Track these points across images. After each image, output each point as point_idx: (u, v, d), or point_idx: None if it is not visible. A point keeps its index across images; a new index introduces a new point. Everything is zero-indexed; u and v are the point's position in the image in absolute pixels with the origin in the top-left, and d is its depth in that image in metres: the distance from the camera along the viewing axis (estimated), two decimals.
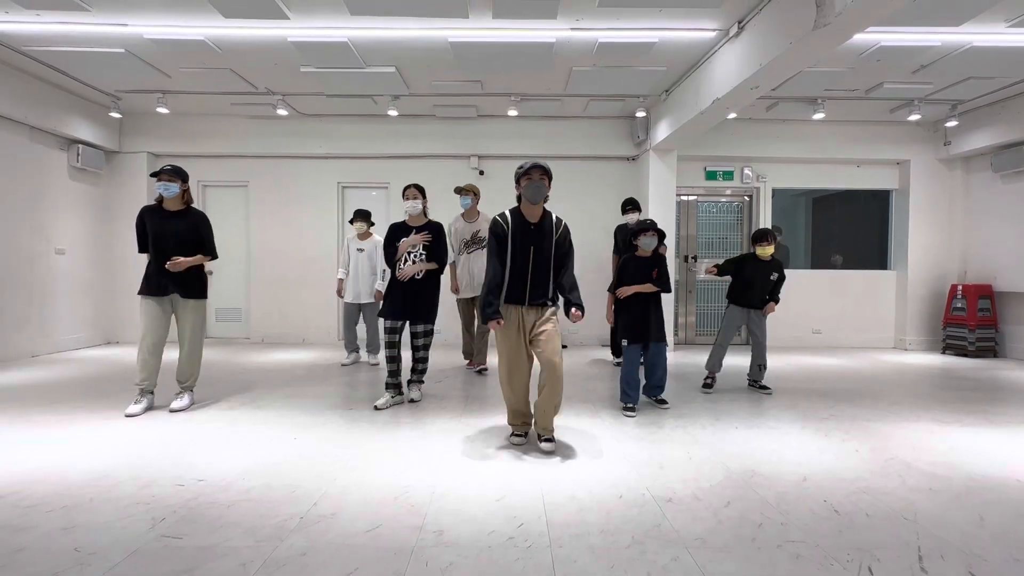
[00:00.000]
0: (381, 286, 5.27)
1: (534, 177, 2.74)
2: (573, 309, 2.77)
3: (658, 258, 3.76)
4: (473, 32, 4.49)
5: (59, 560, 1.71)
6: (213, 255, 3.68)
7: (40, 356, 5.73)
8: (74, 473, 2.44)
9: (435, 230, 3.84)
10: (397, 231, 3.82)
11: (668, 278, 3.74)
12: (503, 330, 2.82)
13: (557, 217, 2.89)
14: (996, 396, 4.23)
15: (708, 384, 4.26)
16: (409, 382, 3.91)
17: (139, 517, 2.01)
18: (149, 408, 3.52)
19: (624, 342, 3.66)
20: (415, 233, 3.77)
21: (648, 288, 3.65)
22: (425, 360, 3.84)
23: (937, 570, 1.70)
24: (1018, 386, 4.64)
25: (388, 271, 3.87)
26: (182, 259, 3.44)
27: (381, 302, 3.87)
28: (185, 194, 3.58)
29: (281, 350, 6.30)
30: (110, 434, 3.02)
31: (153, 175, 3.57)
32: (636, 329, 3.64)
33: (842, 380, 4.80)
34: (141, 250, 3.57)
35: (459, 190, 4.80)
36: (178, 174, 3.53)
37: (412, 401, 3.81)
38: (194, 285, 3.57)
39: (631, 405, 3.59)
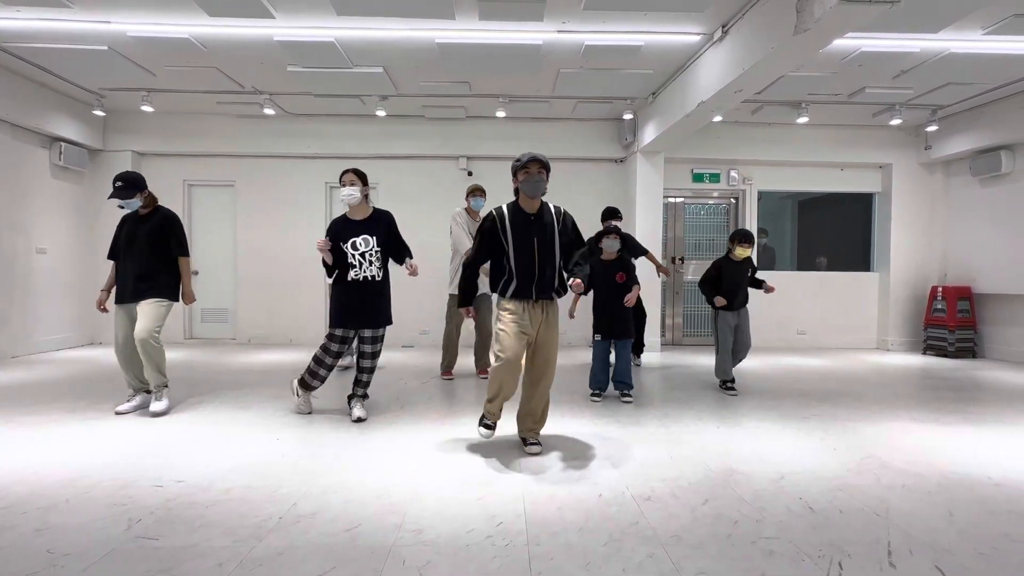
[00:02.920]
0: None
1: (532, 172, 2.63)
2: (574, 280, 2.68)
3: (623, 261, 4.03)
4: (460, 33, 4.50)
5: (33, 561, 1.69)
6: (182, 253, 3.49)
7: (20, 357, 5.65)
8: (52, 474, 2.41)
9: (386, 221, 3.34)
10: (340, 229, 3.28)
11: (635, 277, 3.97)
12: (511, 323, 2.66)
13: (556, 206, 2.79)
14: (973, 396, 4.31)
15: (731, 387, 4.22)
16: (352, 397, 3.44)
17: (116, 518, 1.99)
18: (143, 406, 3.51)
19: (598, 336, 3.99)
20: (359, 229, 3.27)
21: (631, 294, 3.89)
22: (372, 371, 3.44)
23: (905, 565, 1.74)
24: (994, 386, 4.74)
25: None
26: (186, 291, 3.48)
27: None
28: (146, 199, 3.44)
29: (268, 351, 6.26)
30: (90, 435, 2.99)
31: (111, 198, 3.37)
32: (604, 326, 3.96)
33: (824, 380, 4.87)
34: (108, 256, 3.53)
35: (474, 191, 4.57)
36: (133, 186, 3.35)
37: (359, 420, 3.29)
38: (158, 286, 3.40)
39: (597, 392, 4.01)
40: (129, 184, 3.35)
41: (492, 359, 2.83)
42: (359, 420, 3.31)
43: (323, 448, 2.82)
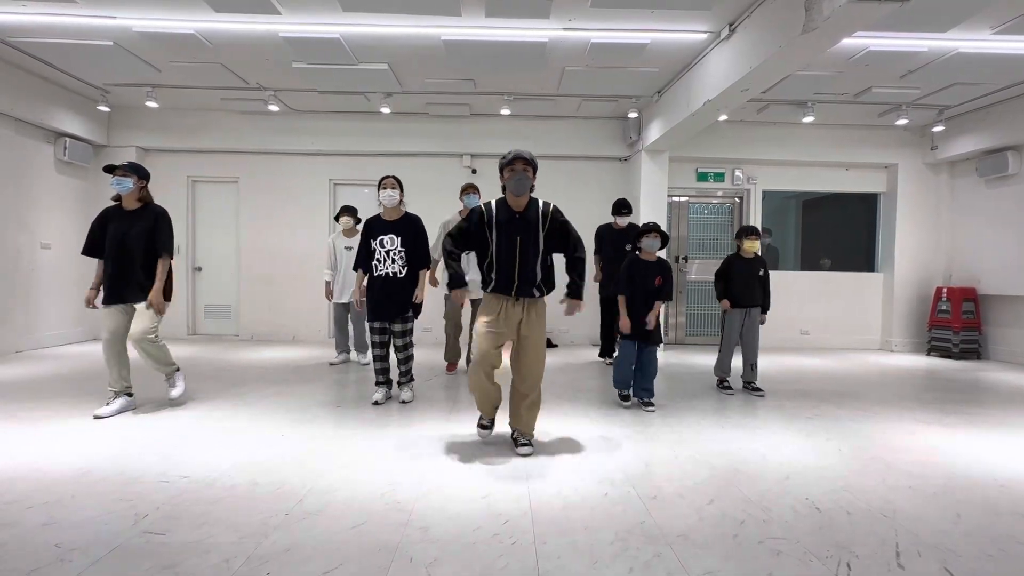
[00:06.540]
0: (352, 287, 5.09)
1: (517, 168, 2.66)
2: (570, 299, 2.79)
3: (663, 264, 3.79)
4: (466, 31, 4.49)
5: (39, 556, 1.70)
6: (166, 253, 3.35)
7: (24, 352, 5.66)
8: (56, 469, 2.42)
9: (414, 225, 3.67)
10: (372, 227, 3.65)
11: (671, 287, 3.84)
12: (483, 314, 2.75)
13: (545, 203, 2.77)
14: (977, 397, 4.30)
15: (727, 386, 4.29)
16: (399, 383, 3.84)
17: (122, 513, 1.99)
18: (123, 410, 3.35)
19: (617, 336, 3.84)
20: (390, 230, 3.58)
21: (652, 319, 3.73)
22: (406, 361, 3.75)
23: (913, 566, 1.73)
24: (998, 388, 4.72)
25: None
26: (153, 299, 3.26)
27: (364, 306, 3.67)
28: (141, 191, 3.37)
29: (271, 348, 6.27)
30: (94, 431, 3.00)
31: (107, 170, 3.29)
32: (633, 327, 3.74)
33: (828, 381, 4.85)
34: (84, 252, 3.35)
35: (467, 189, 4.61)
36: (134, 170, 3.32)
37: (404, 402, 3.72)
38: (151, 289, 3.31)
39: (625, 393, 3.81)
40: (133, 168, 3.34)
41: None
42: (404, 402, 3.70)
43: (327, 446, 2.82)
